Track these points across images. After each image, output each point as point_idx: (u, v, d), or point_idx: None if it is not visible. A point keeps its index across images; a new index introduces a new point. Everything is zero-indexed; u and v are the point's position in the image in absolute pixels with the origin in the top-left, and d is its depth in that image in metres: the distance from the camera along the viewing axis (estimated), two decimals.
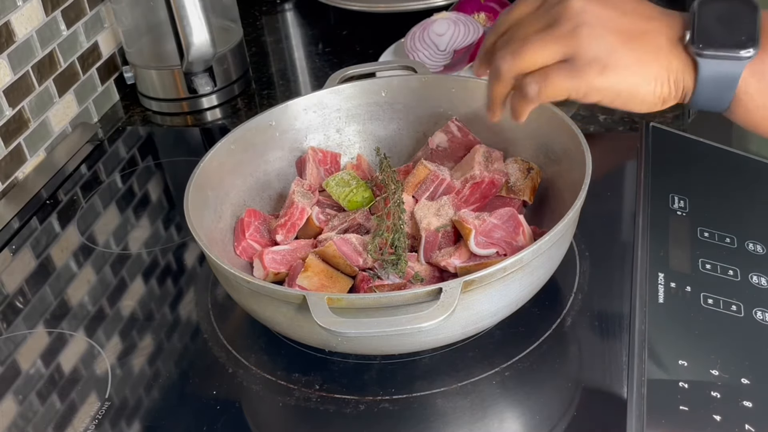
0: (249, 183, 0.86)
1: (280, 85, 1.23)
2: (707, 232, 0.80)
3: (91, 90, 1.19)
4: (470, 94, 0.88)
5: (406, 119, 0.91)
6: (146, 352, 0.79)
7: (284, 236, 0.81)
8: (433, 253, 0.76)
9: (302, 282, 0.73)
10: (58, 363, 0.79)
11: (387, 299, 0.64)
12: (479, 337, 0.74)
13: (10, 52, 1.02)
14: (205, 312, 0.82)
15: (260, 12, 1.44)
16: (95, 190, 1.04)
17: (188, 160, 1.04)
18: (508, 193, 0.81)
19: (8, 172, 1.03)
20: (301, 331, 0.69)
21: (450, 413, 0.69)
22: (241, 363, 0.76)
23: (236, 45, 1.20)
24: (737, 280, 0.75)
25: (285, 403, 0.72)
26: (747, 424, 0.62)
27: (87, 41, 1.17)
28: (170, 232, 0.95)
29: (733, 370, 0.67)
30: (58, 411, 0.74)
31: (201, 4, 1.07)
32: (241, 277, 0.68)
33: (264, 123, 0.88)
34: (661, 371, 0.67)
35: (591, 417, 0.67)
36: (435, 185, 0.80)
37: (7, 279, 0.91)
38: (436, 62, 1.12)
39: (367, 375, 0.73)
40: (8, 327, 0.84)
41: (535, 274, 0.69)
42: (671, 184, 0.86)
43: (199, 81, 1.17)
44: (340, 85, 0.91)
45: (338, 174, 0.85)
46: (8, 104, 1.02)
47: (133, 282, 0.88)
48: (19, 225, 0.99)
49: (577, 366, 0.72)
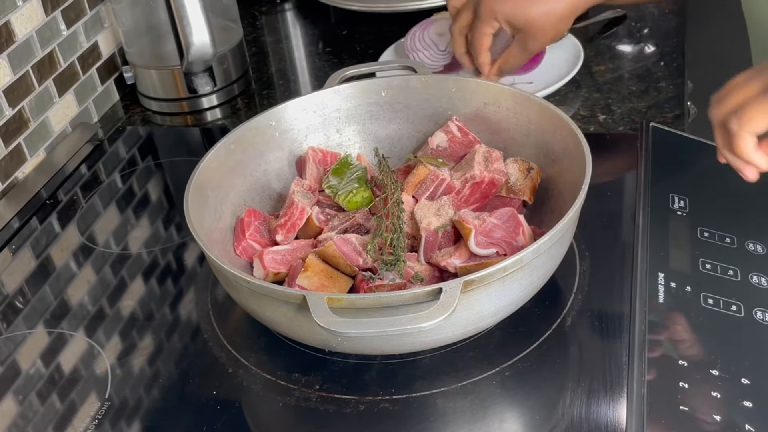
0: (249, 183, 0.86)
1: (280, 85, 1.23)
2: (707, 232, 0.80)
3: (91, 90, 1.19)
4: (470, 94, 0.88)
5: (406, 119, 0.91)
6: (146, 352, 0.79)
7: (284, 236, 0.81)
8: (433, 253, 0.76)
9: (302, 282, 0.73)
10: (58, 363, 0.79)
11: (387, 299, 0.64)
12: (479, 337, 0.74)
13: (10, 52, 1.02)
14: (205, 312, 0.82)
15: (260, 12, 1.44)
16: (95, 190, 1.04)
17: (188, 160, 1.04)
18: (508, 193, 0.81)
19: (8, 172, 1.03)
20: (301, 331, 0.69)
21: (450, 413, 0.69)
22: (241, 363, 0.76)
23: (236, 45, 1.20)
24: (737, 280, 0.75)
25: (285, 403, 0.72)
26: (747, 424, 0.62)
27: (87, 41, 1.17)
28: (170, 232, 0.95)
29: (733, 370, 0.67)
30: (58, 411, 0.74)
31: (201, 4, 1.07)
32: (241, 277, 0.68)
33: (264, 123, 0.88)
34: (661, 371, 0.67)
35: (591, 417, 0.67)
36: (435, 185, 0.80)
37: (7, 279, 0.91)
38: (436, 62, 1.12)
39: (367, 375, 0.73)
40: (8, 327, 0.84)
41: (535, 274, 0.69)
42: (671, 184, 0.86)
43: (199, 81, 1.17)
44: (340, 85, 0.91)
45: (336, 164, 0.86)
46: (8, 104, 1.02)
47: (133, 282, 0.88)
48: (19, 225, 0.99)
49: (577, 366, 0.72)
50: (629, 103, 1.06)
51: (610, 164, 0.95)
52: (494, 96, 0.87)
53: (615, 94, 1.08)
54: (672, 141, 0.93)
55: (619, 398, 0.68)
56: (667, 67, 1.12)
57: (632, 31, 1.22)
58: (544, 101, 0.84)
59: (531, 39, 0.98)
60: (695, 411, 0.63)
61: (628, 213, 0.86)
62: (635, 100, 1.06)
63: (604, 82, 1.10)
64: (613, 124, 1.02)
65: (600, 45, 1.19)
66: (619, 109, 1.05)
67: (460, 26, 1.02)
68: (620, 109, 1.05)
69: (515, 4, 0.96)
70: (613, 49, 1.18)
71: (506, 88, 0.86)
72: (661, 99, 1.05)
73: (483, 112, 0.88)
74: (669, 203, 0.83)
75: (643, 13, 1.26)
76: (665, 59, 1.14)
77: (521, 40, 0.99)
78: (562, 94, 1.09)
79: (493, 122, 0.87)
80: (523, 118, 0.85)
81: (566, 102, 1.07)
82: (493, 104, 0.87)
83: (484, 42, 0.99)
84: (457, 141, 0.86)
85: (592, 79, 1.12)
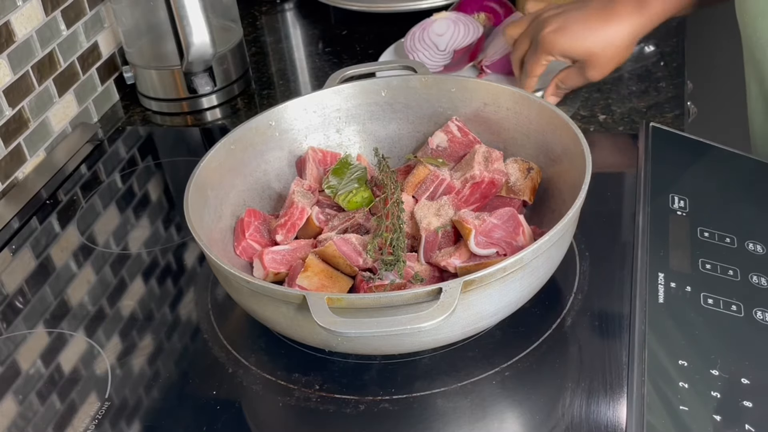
0: (249, 183, 0.86)
1: (280, 85, 1.23)
2: (707, 232, 0.80)
3: (91, 90, 1.19)
4: (470, 94, 0.88)
5: (406, 119, 0.91)
6: (146, 352, 0.79)
7: (284, 236, 0.81)
8: (433, 253, 0.76)
9: (302, 282, 0.73)
10: (58, 363, 0.79)
11: (387, 299, 0.64)
12: (479, 337, 0.74)
13: (10, 52, 1.02)
14: (205, 312, 0.82)
15: (260, 12, 1.44)
16: (95, 190, 1.04)
17: (188, 160, 1.04)
18: (508, 193, 0.81)
19: (8, 172, 1.03)
20: (301, 331, 0.69)
21: (450, 413, 0.69)
22: (241, 363, 0.76)
23: (236, 45, 1.20)
24: (737, 280, 0.75)
25: (285, 403, 0.72)
26: (747, 424, 0.62)
27: (87, 41, 1.17)
28: (170, 232, 0.95)
29: (733, 370, 0.67)
30: (58, 411, 0.74)
31: (201, 4, 1.07)
32: (241, 277, 0.68)
33: (264, 123, 0.88)
34: (661, 371, 0.67)
35: (591, 417, 0.67)
36: (435, 185, 0.80)
37: (7, 279, 0.91)
38: (436, 62, 1.12)
39: (367, 375, 0.73)
40: (8, 327, 0.84)
41: (535, 274, 0.69)
42: (671, 184, 0.86)
43: (199, 81, 1.17)
44: (340, 85, 0.91)
45: (336, 164, 0.86)
46: (8, 104, 1.02)
47: (133, 282, 0.88)
48: (19, 225, 0.99)
49: (577, 366, 0.72)
50: (629, 103, 1.06)
51: (610, 164, 0.95)
52: (494, 96, 0.87)
53: (615, 94, 1.08)
54: (672, 141, 0.93)
55: (619, 398, 0.68)
56: (667, 67, 1.12)
57: None
58: (544, 101, 0.84)
59: (590, 69, 0.97)
60: (695, 411, 0.63)
61: (628, 213, 0.86)
62: (635, 100, 1.06)
63: (604, 82, 1.10)
64: (613, 124, 1.02)
65: None
66: (619, 109, 1.05)
67: (518, 56, 1.02)
68: (620, 109, 1.05)
69: (572, 39, 0.95)
70: None
71: (506, 88, 0.86)
72: (661, 99, 1.05)
73: (483, 112, 0.88)
74: (669, 203, 0.83)
75: None
76: (665, 59, 1.14)
77: (581, 68, 0.98)
78: None
79: (493, 122, 0.87)
80: (523, 118, 0.85)
81: (566, 102, 1.07)
82: (493, 104, 0.87)
83: (537, 70, 0.99)
84: (457, 141, 0.86)
85: None
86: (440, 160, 0.85)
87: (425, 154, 0.87)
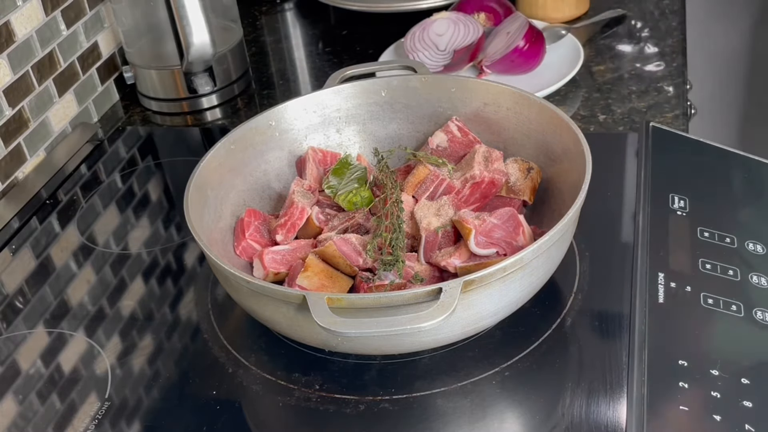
0: (249, 183, 0.86)
1: (280, 85, 1.23)
2: (707, 232, 0.80)
3: (91, 90, 1.19)
4: (470, 94, 0.88)
5: (406, 119, 0.91)
6: (146, 352, 0.79)
7: (284, 236, 0.81)
8: (433, 253, 0.76)
9: (302, 282, 0.73)
10: (58, 363, 0.79)
11: (387, 299, 0.64)
12: (479, 337, 0.74)
13: (10, 52, 1.02)
14: (205, 312, 0.82)
15: (260, 12, 1.44)
16: (95, 190, 1.04)
17: (188, 160, 1.04)
18: (508, 193, 0.81)
19: (8, 172, 1.03)
20: (301, 331, 0.69)
21: (450, 413, 0.69)
22: (241, 363, 0.76)
23: (236, 45, 1.20)
24: (737, 280, 0.75)
25: (285, 403, 0.72)
26: (747, 424, 0.62)
27: (87, 41, 1.17)
28: (170, 232, 0.95)
29: (733, 370, 0.67)
30: (58, 411, 0.74)
31: (201, 4, 1.07)
32: (241, 277, 0.68)
33: (264, 123, 0.88)
34: (661, 371, 0.67)
35: (591, 417, 0.67)
36: (435, 185, 0.80)
37: (7, 279, 0.91)
38: (436, 62, 1.12)
39: (367, 375, 0.73)
40: (8, 327, 0.84)
41: (535, 274, 0.69)
42: (671, 184, 0.86)
43: (199, 81, 1.17)
44: (340, 85, 0.91)
45: (336, 164, 0.86)
46: (8, 104, 1.02)
47: (133, 282, 0.88)
48: (19, 225, 0.99)
49: (577, 366, 0.72)
50: (629, 103, 1.06)
51: (610, 164, 0.95)
52: (494, 96, 0.87)
53: (615, 94, 1.08)
54: (672, 141, 0.93)
55: (619, 398, 0.68)
56: (667, 67, 1.12)
57: (632, 31, 1.22)
58: (544, 101, 0.84)
59: None
60: (695, 411, 0.63)
61: (628, 213, 0.86)
62: (635, 100, 1.06)
63: (604, 82, 1.10)
64: (613, 124, 1.02)
65: (600, 45, 1.19)
66: (619, 109, 1.05)
67: None
68: (620, 109, 1.05)
69: None
70: (613, 49, 1.18)
71: (506, 88, 0.86)
72: (661, 99, 1.05)
73: (483, 112, 0.88)
74: (669, 203, 0.83)
75: (643, 13, 1.26)
76: (665, 59, 1.14)
77: None
78: (562, 94, 1.09)
79: (493, 122, 0.87)
80: (523, 118, 0.85)
81: (566, 102, 1.07)
82: (493, 104, 0.87)
83: None
84: (457, 141, 0.86)
85: (592, 79, 1.12)
86: (441, 159, 0.85)
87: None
